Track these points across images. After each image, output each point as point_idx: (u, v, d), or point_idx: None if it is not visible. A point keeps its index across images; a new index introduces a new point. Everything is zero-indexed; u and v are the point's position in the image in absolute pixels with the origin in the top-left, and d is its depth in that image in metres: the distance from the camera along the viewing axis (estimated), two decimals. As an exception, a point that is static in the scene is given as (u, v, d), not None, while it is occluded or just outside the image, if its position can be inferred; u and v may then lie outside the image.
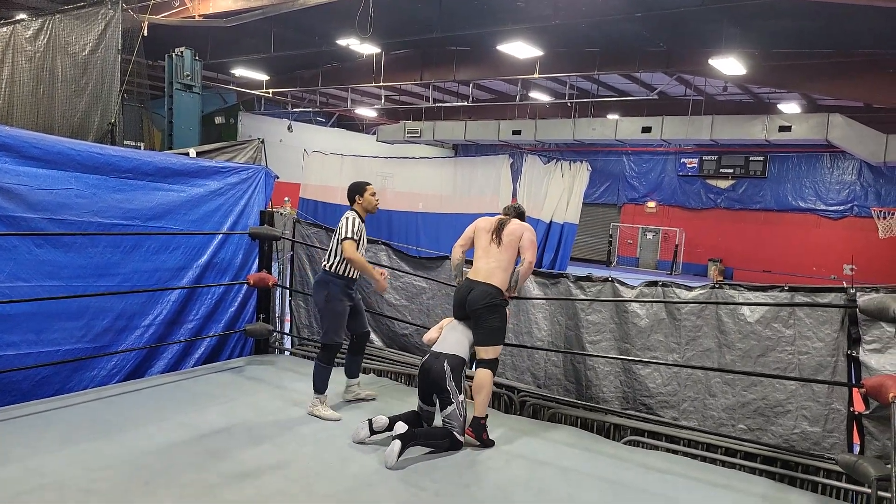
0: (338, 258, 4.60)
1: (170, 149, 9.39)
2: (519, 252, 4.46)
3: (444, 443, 4.01)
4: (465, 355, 4.26)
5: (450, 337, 4.34)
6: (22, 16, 9.65)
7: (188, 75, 10.10)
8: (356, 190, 4.74)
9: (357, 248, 4.59)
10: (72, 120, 7.91)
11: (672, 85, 17.53)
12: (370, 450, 3.98)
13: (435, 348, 4.30)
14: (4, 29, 8.29)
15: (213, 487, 3.39)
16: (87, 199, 5.03)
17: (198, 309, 5.99)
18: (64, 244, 4.96)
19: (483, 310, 4.27)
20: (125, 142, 9.37)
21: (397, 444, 3.75)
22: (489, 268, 4.36)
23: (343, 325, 4.66)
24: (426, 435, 4.02)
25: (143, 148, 12.22)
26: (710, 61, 12.92)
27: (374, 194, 4.76)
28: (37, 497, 3.16)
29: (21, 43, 7.68)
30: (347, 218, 4.64)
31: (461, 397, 4.10)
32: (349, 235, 4.55)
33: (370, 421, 4.07)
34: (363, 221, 4.76)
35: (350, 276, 4.65)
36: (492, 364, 4.30)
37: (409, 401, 4.90)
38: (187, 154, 6.53)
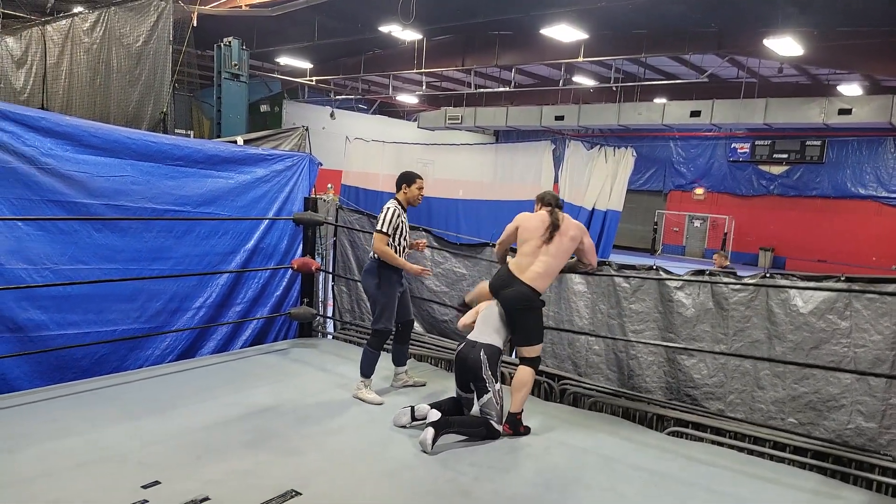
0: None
1: (218, 137, 9.63)
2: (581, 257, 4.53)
3: (479, 431, 4.02)
4: (500, 344, 4.24)
5: (486, 325, 4.31)
6: (79, 8, 10.00)
7: (236, 64, 10.31)
8: (404, 179, 4.77)
9: (395, 239, 4.64)
10: (126, 109, 8.19)
11: (724, 67, 16.98)
12: (411, 434, 4.03)
13: (471, 337, 4.28)
14: (64, 22, 8.62)
15: (261, 464, 3.50)
16: (142, 185, 5.22)
17: (245, 292, 6.16)
18: (121, 229, 5.16)
19: (518, 312, 4.24)
20: (176, 130, 9.65)
21: (430, 431, 3.79)
22: (535, 272, 4.22)
23: (393, 311, 4.71)
24: (461, 423, 4.03)
25: (192, 136, 12.57)
26: (765, 41, 12.44)
27: (421, 188, 4.78)
28: (98, 468, 3.32)
29: (79, 35, 7.98)
30: (388, 209, 4.68)
31: (498, 386, 4.10)
32: (381, 228, 4.61)
33: (412, 408, 4.12)
34: (404, 210, 4.78)
35: None
36: (534, 362, 4.27)
37: (449, 386, 4.93)
38: (235, 142, 6.69)
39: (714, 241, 23.70)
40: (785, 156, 22.19)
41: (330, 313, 6.91)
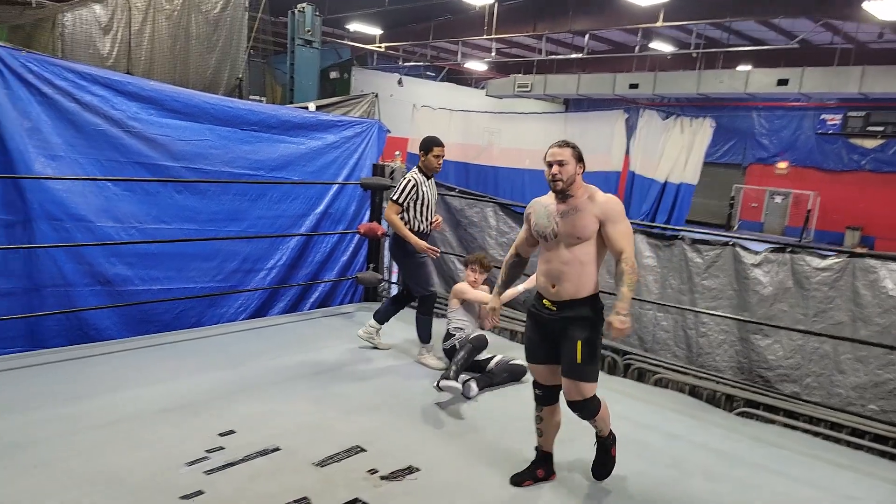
0: (409, 215, 4.60)
1: (291, 103, 9.82)
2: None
3: (504, 377, 4.40)
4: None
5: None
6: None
7: (309, 31, 10.43)
8: (422, 146, 4.64)
9: (416, 210, 4.57)
10: (204, 75, 8.47)
11: (816, 32, 15.82)
12: (475, 399, 4.08)
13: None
14: (147, -11, 8.95)
15: (328, 420, 3.64)
16: (220, 150, 5.41)
17: (314, 255, 6.34)
18: (200, 191, 5.39)
19: None
20: (250, 96, 9.91)
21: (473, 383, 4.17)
22: None
23: (429, 274, 4.74)
24: (491, 373, 4.38)
25: (265, 102, 12.89)
26: (865, 4, 11.49)
27: (438, 156, 4.63)
28: (180, 415, 3.54)
29: (161, 2, 8.26)
30: (407, 180, 4.59)
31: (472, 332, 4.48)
32: (395, 198, 4.55)
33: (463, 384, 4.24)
34: (429, 178, 4.66)
35: (421, 231, 4.66)
36: None
37: (515, 355, 4.95)
38: (307, 108, 6.80)
39: (796, 219, 22.45)
40: (881, 129, 20.58)
41: (395, 279, 7.02)
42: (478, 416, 3.89)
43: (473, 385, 4.14)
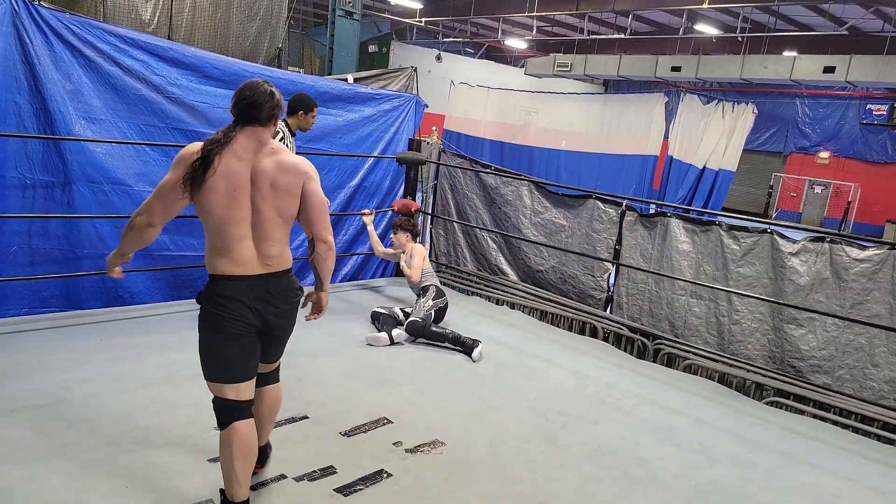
0: None
1: (329, 74, 9.81)
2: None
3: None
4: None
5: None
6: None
7: (350, 2, 10.36)
8: (303, 105, 4.31)
9: None
10: (244, 44, 8.49)
11: (867, 19, 15.19)
12: (499, 377, 4.10)
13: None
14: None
15: (356, 392, 3.70)
16: (258, 119, 5.42)
17: (346, 229, 6.38)
18: (236, 159, 5.42)
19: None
20: (289, 67, 9.91)
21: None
22: None
23: None
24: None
25: (302, 73, 12.90)
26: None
27: (314, 117, 4.40)
28: (211, 377, 3.62)
29: (203, -31, 8.28)
30: (278, 132, 4.06)
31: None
32: None
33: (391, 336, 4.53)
34: (293, 136, 4.40)
35: None
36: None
37: (544, 335, 4.97)
38: (346, 80, 6.80)
39: (835, 210, 21.83)
40: (930, 120, 19.83)
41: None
42: (507, 395, 3.90)
43: (394, 332, 4.53)
